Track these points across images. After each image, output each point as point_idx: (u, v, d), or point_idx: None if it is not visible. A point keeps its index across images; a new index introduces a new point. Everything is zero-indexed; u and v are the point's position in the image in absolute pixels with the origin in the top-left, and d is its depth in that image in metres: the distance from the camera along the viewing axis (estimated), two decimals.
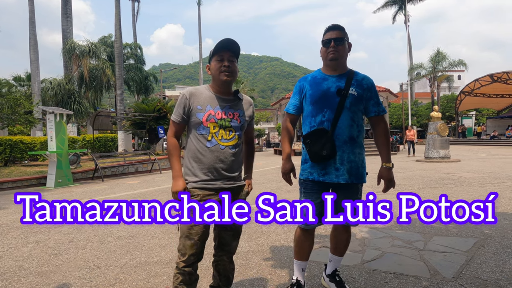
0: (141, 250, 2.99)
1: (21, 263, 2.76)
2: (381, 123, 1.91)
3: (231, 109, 1.67)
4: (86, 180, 8.85)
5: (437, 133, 11.76)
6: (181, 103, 1.64)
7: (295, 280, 1.98)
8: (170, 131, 1.68)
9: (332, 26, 1.85)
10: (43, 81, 18.25)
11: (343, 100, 1.79)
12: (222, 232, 1.70)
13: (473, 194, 5.17)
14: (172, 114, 1.69)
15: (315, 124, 1.83)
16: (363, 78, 1.88)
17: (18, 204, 5.49)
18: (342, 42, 1.81)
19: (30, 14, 16.91)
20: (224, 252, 1.72)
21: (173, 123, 1.67)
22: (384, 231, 3.32)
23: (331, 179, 1.81)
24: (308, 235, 1.96)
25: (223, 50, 1.62)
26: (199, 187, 1.60)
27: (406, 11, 32.56)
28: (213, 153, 1.60)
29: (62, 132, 7.92)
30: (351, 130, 1.81)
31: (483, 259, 2.51)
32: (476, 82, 26.12)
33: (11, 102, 11.25)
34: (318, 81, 1.88)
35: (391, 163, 1.87)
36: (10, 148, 11.15)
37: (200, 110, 1.61)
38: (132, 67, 23.32)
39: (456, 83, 40.95)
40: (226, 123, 1.63)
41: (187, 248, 1.56)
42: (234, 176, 1.68)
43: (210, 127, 1.60)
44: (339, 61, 1.84)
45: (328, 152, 1.76)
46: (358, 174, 1.85)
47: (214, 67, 1.64)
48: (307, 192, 1.89)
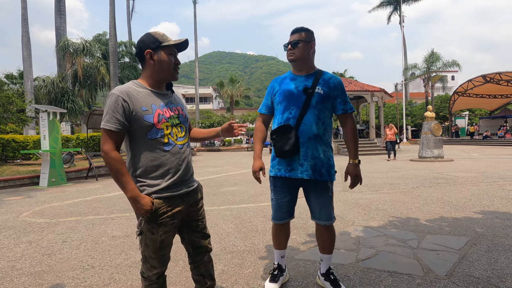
0: (135, 249, 2.97)
1: (14, 263, 2.73)
2: (349, 121, 1.99)
3: (173, 104, 1.52)
4: (80, 180, 8.76)
5: (431, 133, 11.89)
6: (117, 107, 1.34)
7: (277, 265, 2.16)
8: (108, 145, 1.34)
9: (293, 30, 1.98)
10: (36, 79, 18.00)
11: (309, 98, 1.89)
12: (193, 237, 1.62)
13: (465, 193, 5.24)
14: (104, 122, 1.35)
15: (282, 121, 1.93)
16: (330, 78, 1.97)
17: (10, 204, 5.42)
18: (297, 44, 1.92)
19: (23, 11, 16.67)
20: (203, 254, 1.65)
21: (111, 133, 1.34)
22: (378, 230, 3.35)
23: (296, 175, 1.90)
24: (283, 228, 2.11)
25: (175, 47, 1.50)
26: (165, 197, 1.43)
27: (401, 11, 32.81)
28: (174, 156, 1.45)
29: (55, 131, 7.82)
30: (317, 128, 1.89)
31: (475, 257, 2.55)
32: (469, 82, 26.44)
33: (3, 100, 11.09)
34: (287, 81, 2.00)
35: (357, 159, 1.97)
36: (2, 147, 10.99)
37: (146, 112, 1.39)
38: (127, 65, 23.12)
39: (450, 83, 41.42)
40: (176, 120, 1.49)
41: (161, 259, 1.46)
42: (192, 177, 1.60)
43: (163, 129, 1.42)
44: (299, 61, 1.96)
45: (290, 147, 1.83)
46: (322, 171, 1.90)
47: (166, 61, 1.45)
48: (277, 190, 2.00)
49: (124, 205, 5.03)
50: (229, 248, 2.95)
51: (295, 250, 2.84)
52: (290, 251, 2.80)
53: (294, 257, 2.67)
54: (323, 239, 2.05)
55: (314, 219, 2.01)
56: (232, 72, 78.58)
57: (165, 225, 1.45)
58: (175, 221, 1.49)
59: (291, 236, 3.20)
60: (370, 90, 18.73)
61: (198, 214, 1.63)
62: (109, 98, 1.39)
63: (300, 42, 1.93)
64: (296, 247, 2.90)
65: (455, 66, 29.33)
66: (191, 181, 1.58)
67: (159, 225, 1.43)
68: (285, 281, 2.21)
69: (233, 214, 4.22)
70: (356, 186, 1.96)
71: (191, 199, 1.57)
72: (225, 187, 6.62)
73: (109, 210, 4.72)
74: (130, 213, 4.48)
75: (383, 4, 37.31)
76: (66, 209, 4.93)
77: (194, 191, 1.59)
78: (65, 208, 5.00)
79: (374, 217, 3.91)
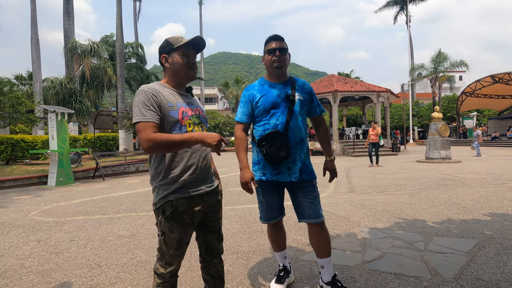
0: (141, 249, 3.00)
1: (22, 261, 2.77)
2: (323, 122, 2.15)
3: (193, 105, 1.58)
4: (87, 179, 8.87)
5: (438, 134, 11.74)
6: (149, 100, 1.38)
7: (282, 266, 2.18)
8: (146, 133, 1.33)
9: (275, 36, 1.98)
10: (45, 80, 18.29)
11: (292, 105, 1.96)
12: (208, 237, 1.64)
13: (474, 195, 5.16)
14: (139, 116, 1.36)
15: (270, 127, 1.95)
16: (303, 83, 2.07)
17: (19, 203, 5.51)
18: (286, 52, 1.96)
19: (32, 13, 16.93)
20: (214, 256, 1.67)
21: (149, 124, 1.35)
22: (384, 232, 3.32)
23: (284, 179, 1.96)
24: (278, 228, 2.14)
25: (191, 48, 1.52)
26: (185, 196, 1.45)
27: (408, 11, 32.50)
28: (195, 153, 1.48)
29: (63, 131, 7.93)
30: (301, 132, 1.98)
31: (484, 260, 2.51)
32: (477, 83, 26.06)
33: (12, 101, 11.29)
34: (267, 88, 2.01)
35: (333, 156, 2.15)
36: (12, 146, 11.18)
37: (172, 108, 1.44)
38: (134, 66, 23.34)
39: (458, 83, 40.85)
40: (197, 120, 1.54)
41: (177, 257, 1.50)
42: (212, 177, 1.61)
43: (186, 126, 1.47)
44: (283, 69, 1.99)
45: (285, 152, 1.90)
46: (308, 170, 2.00)
47: (180, 62, 1.49)
48: (265, 191, 2.03)
49: (130, 205, 5.08)
50: (234, 248, 2.95)
51: (300, 251, 2.83)
52: (295, 252, 2.80)
53: (299, 258, 2.66)
54: (320, 241, 1.97)
55: (304, 219, 1.96)
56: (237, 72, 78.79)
57: (184, 224, 1.47)
58: (195, 221, 1.51)
59: (296, 237, 3.19)
60: (376, 90, 18.58)
61: (216, 215, 1.65)
62: (138, 95, 1.41)
63: (287, 51, 1.97)
64: (301, 248, 2.89)
65: (463, 66, 28.90)
66: (211, 180, 1.59)
67: (179, 224, 1.46)
68: (291, 282, 2.20)
69: (238, 215, 4.23)
70: (333, 180, 2.14)
71: (211, 199, 1.58)
72: (230, 187, 6.63)
73: (115, 210, 4.77)
74: (136, 213, 4.51)
75: (390, 4, 37.01)
76: (73, 208, 4.99)
77: (214, 192, 1.61)
78: (73, 207, 5.07)
79: (380, 218, 3.88)
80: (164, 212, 1.45)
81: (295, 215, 2.07)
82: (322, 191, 5.72)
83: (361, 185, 6.52)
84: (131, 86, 24.00)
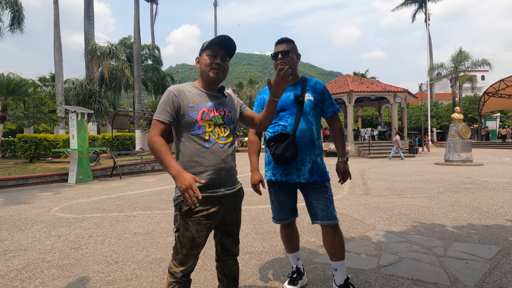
0: (156, 247, 3.06)
1: (44, 255, 2.88)
2: (337, 121, 2.10)
3: (221, 105, 1.57)
4: (104, 177, 9.13)
5: (458, 135, 11.33)
6: (168, 101, 1.47)
7: (295, 268, 2.17)
8: (153, 132, 1.44)
9: (279, 40, 2.01)
10: (66, 82, 19.01)
11: (301, 106, 1.95)
12: (224, 239, 1.64)
13: (497, 199, 4.94)
14: (156, 114, 1.47)
15: (279, 129, 1.97)
16: (316, 83, 2.05)
17: (42, 199, 5.74)
18: (288, 54, 1.96)
19: (55, 17, 17.63)
20: (229, 257, 1.67)
21: (160, 123, 1.45)
22: (401, 236, 3.23)
23: (293, 179, 1.96)
24: (291, 229, 2.14)
25: (218, 47, 1.53)
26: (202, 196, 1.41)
27: (427, 9, 31.55)
28: (213, 154, 1.48)
29: (83, 131, 8.21)
30: (311, 133, 1.96)
31: (508, 268, 2.39)
32: (501, 82, 24.96)
33: (36, 102, 11.80)
34: None
35: (346, 156, 2.09)
36: (35, 145, 11.67)
37: (192, 108, 1.48)
38: (150, 67, 23.86)
39: (480, 83, 39.32)
40: (220, 120, 1.54)
41: (189, 257, 1.49)
42: (234, 180, 1.61)
43: (205, 126, 1.49)
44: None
45: (291, 153, 1.89)
46: (320, 172, 1.97)
47: (205, 62, 1.53)
48: (276, 192, 2.04)
49: (146, 203, 5.19)
50: (247, 248, 2.96)
51: (313, 253, 2.80)
52: (309, 254, 2.77)
53: (313, 260, 2.64)
54: (333, 243, 1.95)
55: (317, 221, 1.94)
56: (251, 73, 78.92)
57: (198, 224, 1.47)
58: (210, 222, 1.49)
59: (309, 239, 3.16)
60: (393, 90, 18.14)
61: (234, 219, 1.63)
62: (164, 94, 1.51)
63: (290, 52, 1.97)
64: (315, 250, 2.86)
65: (486, 65, 27.75)
66: (232, 183, 1.58)
67: (193, 223, 1.46)
68: (304, 284, 2.18)
69: (251, 215, 4.23)
70: (346, 181, 2.08)
71: (229, 202, 1.56)
72: (244, 187, 6.64)
73: (131, 208, 4.88)
74: (152, 211, 4.60)
75: (408, 2, 36.07)
76: (92, 205, 5.15)
77: (234, 195, 1.58)
78: (91, 204, 5.23)
79: (397, 222, 3.78)
80: (181, 209, 1.47)
81: (309, 217, 2.05)
82: (336, 193, 5.64)
83: (377, 188, 6.37)
84: (147, 87, 24.56)
